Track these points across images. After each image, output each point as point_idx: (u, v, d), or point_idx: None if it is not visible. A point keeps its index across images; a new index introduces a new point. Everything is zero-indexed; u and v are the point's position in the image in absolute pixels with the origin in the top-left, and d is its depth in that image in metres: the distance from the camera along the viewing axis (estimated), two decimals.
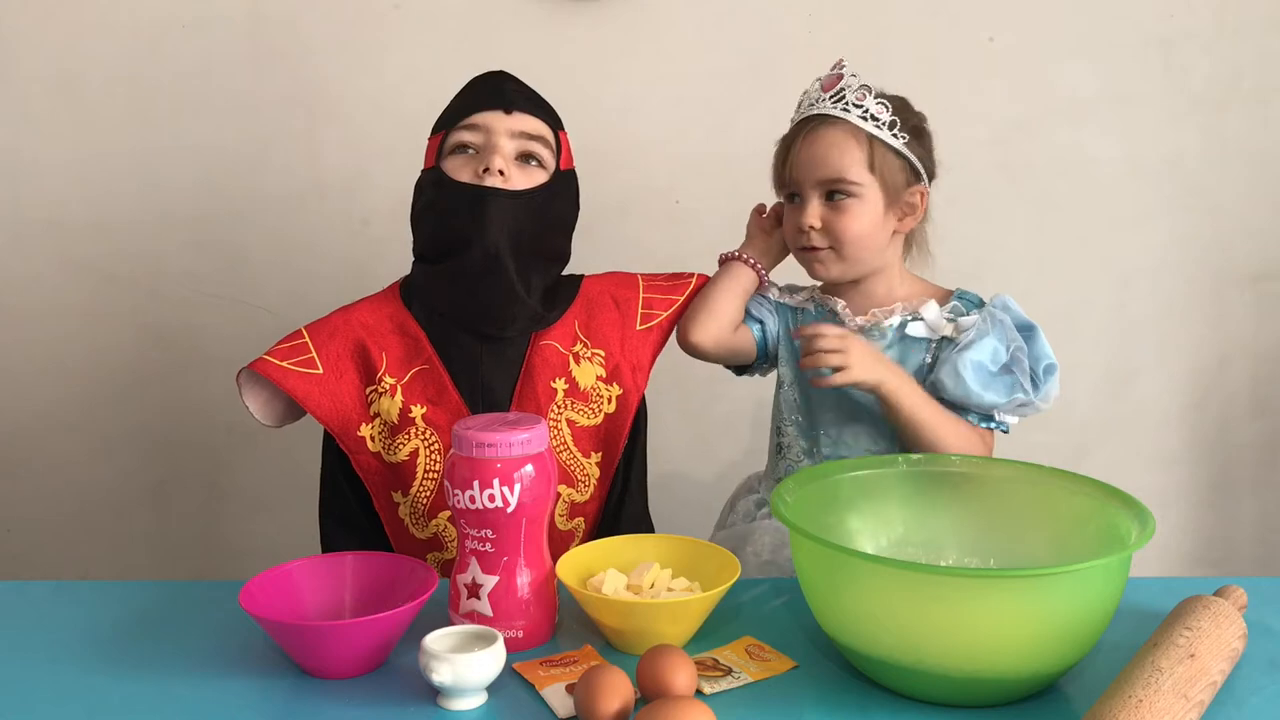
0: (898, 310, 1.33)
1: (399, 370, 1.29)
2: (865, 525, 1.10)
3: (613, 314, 1.37)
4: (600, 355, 1.34)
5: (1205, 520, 2.08)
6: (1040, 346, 1.30)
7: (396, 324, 1.31)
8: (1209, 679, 0.88)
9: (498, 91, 1.27)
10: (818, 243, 1.31)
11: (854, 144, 1.29)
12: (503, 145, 1.26)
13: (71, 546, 2.04)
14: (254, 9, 1.89)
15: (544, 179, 1.29)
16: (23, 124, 1.92)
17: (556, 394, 1.31)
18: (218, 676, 0.98)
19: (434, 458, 1.29)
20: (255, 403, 1.28)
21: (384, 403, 1.28)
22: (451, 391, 1.29)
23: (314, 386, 1.27)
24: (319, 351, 1.28)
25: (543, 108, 1.31)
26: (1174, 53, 1.92)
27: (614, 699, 0.86)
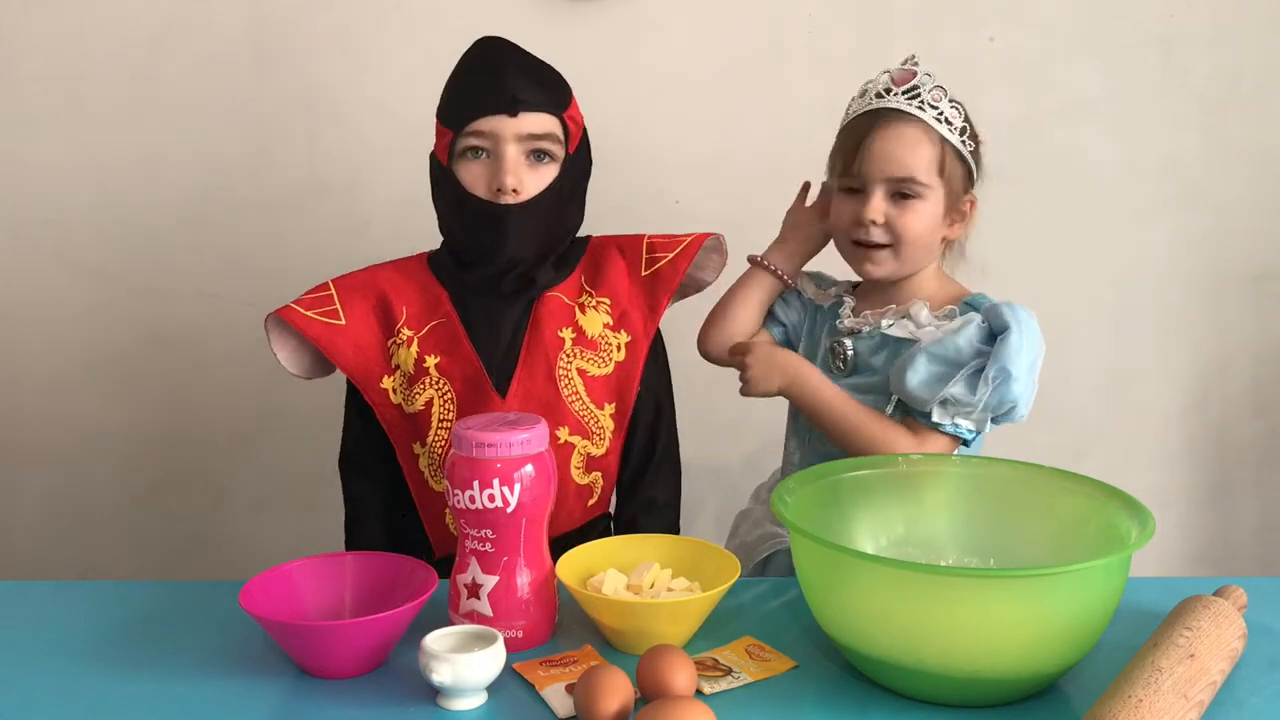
0: (889, 312, 1.32)
1: (417, 324, 1.33)
2: (865, 525, 1.10)
3: (618, 262, 1.38)
4: (606, 303, 1.35)
5: (1205, 520, 2.08)
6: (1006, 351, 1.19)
7: (419, 283, 1.35)
8: (1209, 679, 0.88)
9: (500, 90, 1.26)
10: (878, 238, 1.28)
11: (927, 144, 1.27)
12: (510, 154, 1.26)
13: (71, 546, 2.04)
14: (254, 9, 1.89)
15: (555, 172, 1.29)
16: (23, 124, 1.92)
17: (565, 343, 1.32)
18: (218, 676, 0.98)
19: (448, 407, 1.31)
20: (284, 351, 1.32)
21: (401, 354, 1.31)
22: (465, 343, 1.31)
23: (337, 336, 1.30)
24: (343, 303, 1.32)
25: (548, 93, 1.30)
26: (1174, 53, 1.92)
27: (614, 699, 0.87)
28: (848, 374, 1.32)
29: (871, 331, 1.32)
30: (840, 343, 1.33)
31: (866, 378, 1.31)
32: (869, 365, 1.31)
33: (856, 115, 1.30)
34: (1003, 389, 1.20)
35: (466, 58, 1.33)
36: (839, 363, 1.33)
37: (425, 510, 1.36)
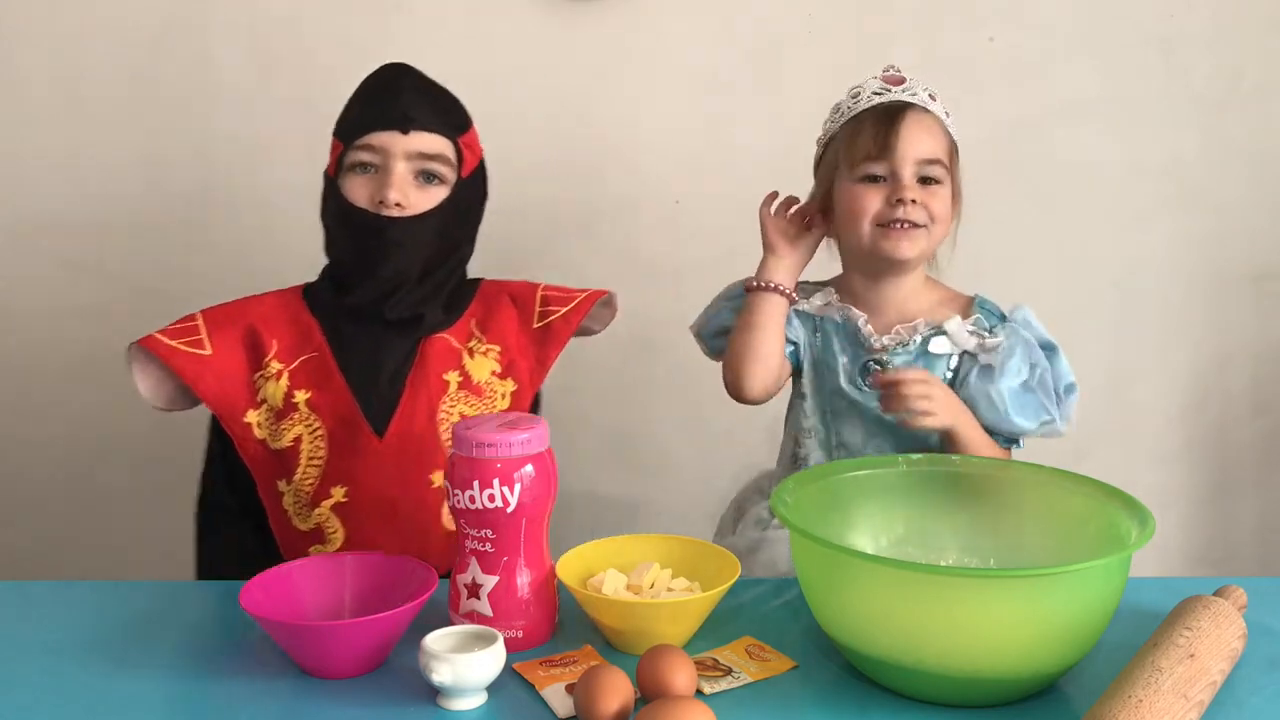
0: (920, 326, 1.31)
1: (288, 357, 1.30)
2: (865, 525, 1.10)
3: (510, 311, 1.37)
4: (495, 350, 1.34)
5: (1205, 520, 2.08)
6: (1061, 366, 1.31)
7: (291, 315, 1.32)
8: (1209, 679, 0.88)
9: (393, 107, 1.25)
10: (918, 217, 1.27)
11: (942, 135, 1.31)
12: (399, 170, 1.25)
13: (71, 546, 2.04)
14: (254, 9, 1.89)
15: (444, 195, 1.28)
16: (23, 124, 1.92)
17: (449, 386, 1.31)
18: (218, 676, 0.98)
19: (317, 444, 1.28)
20: (145, 383, 1.27)
21: (269, 387, 1.28)
22: (338, 378, 1.29)
23: (201, 367, 1.26)
24: (209, 333, 1.29)
25: (443, 116, 1.29)
26: (1174, 53, 1.92)
27: (614, 699, 0.86)
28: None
29: (905, 348, 1.31)
30: (878, 362, 1.31)
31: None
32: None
33: (861, 110, 1.31)
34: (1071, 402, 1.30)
35: (368, 78, 1.32)
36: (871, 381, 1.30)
37: (288, 550, 1.31)
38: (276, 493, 1.30)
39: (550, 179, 1.95)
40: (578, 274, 1.97)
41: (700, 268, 1.96)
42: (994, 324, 1.32)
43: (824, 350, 1.35)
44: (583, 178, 1.96)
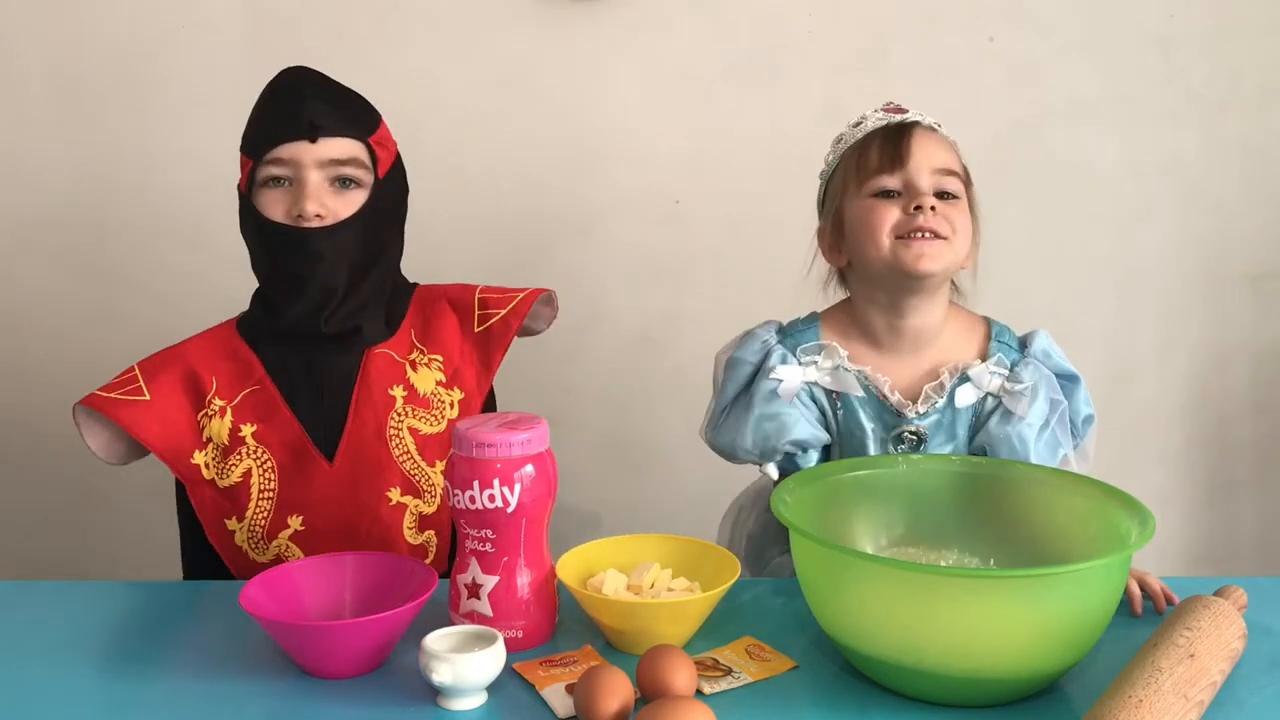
0: (945, 379, 1.25)
1: (229, 393, 1.28)
2: (865, 525, 1.10)
3: (450, 318, 1.34)
4: (438, 360, 1.32)
5: (1205, 520, 2.08)
6: (1080, 397, 1.27)
7: (228, 350, 1.30)
8: (1209, 679, 0.88)
9: (299, 116, 1.21)
10: (938, 226, 1.19)
11: (954, 153, 1.26)
12: (313, 180, 1.21)
13: (71, 546, 2.04)
14: (254, 9, 1.89)
15: (363, 198, 1.25)
16: (23, 124, 1.92)
17: (396, 401, 1.28)
18: (218, 676, 0.98)
19: (268, 476, 1.26)
20: (96, 442, 1.26)
21: (214, 425, 1.27)
22: (283, 409, 1.27)
23: (141, 413, 1.24)
24: (146, 381, 1.27)
25: (350, 119, 1.24)
26: (1174, 53, 1.92)
27: (614, 699, 0.87)
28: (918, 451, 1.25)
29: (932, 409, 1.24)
30: (914, 433, 1.24)
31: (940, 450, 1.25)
32: (941, 441, 1.25)
33: (870, 132, 1.26)
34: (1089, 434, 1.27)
35: (267, 87, 1.28)
36: (907, 448, 1.24)
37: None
38: (227, 532, 1.28)
39: (550, 179, 1.95)
40: (578, 274, 1.98)
41: (700, 267, 1.96)
42: (1014, 359, 1.27)
43: (849, 421, 1.26)
44: (583, 177, 1.96)
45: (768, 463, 1.26)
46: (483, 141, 1.93)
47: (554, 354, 1.97)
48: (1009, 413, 1.23)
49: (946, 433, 1.25)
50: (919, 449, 1.24)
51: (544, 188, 1.95)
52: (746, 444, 1.25)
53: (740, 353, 1.29)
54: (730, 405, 1.29)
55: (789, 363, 1.26)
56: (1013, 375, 1.25)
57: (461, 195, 1.95)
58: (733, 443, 1.27)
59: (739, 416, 1.26)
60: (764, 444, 1.24)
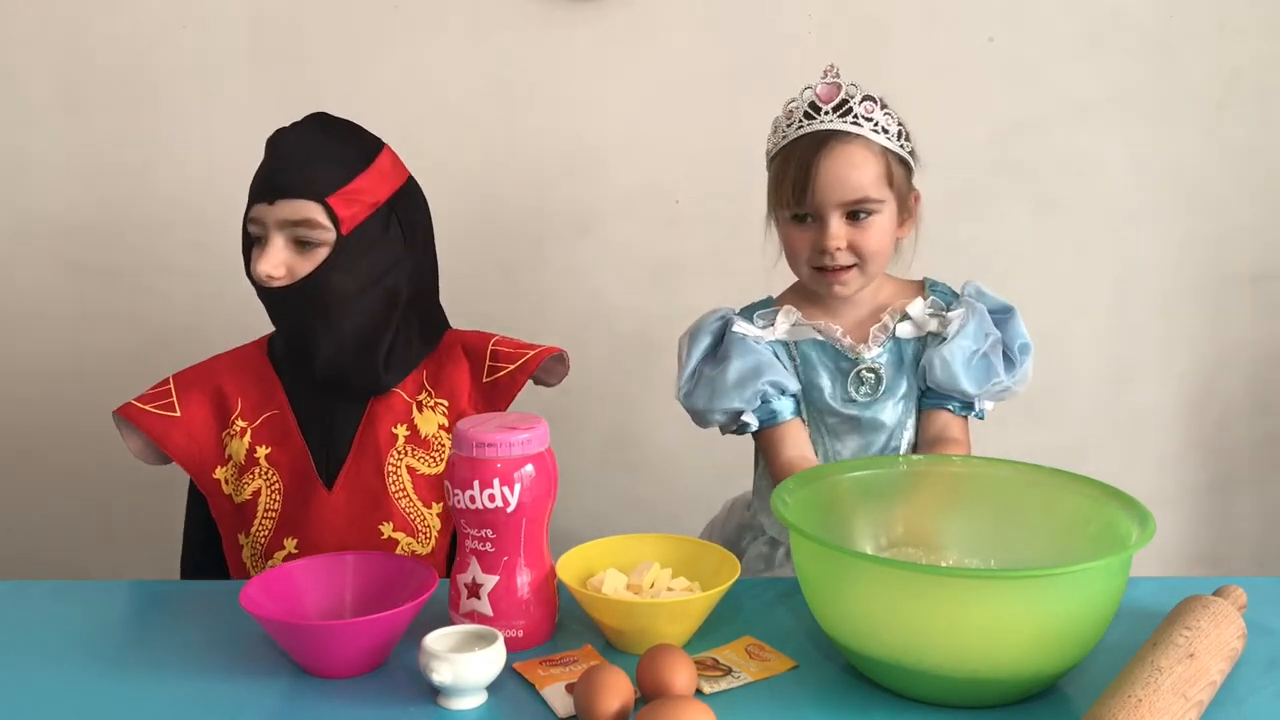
0: (888, 322, 1.33)
1: (252, 415, 1.33)
2: (865, 525, 1.10)
3: (462, 365, 1.36)
4: (444, 405, 1.33)
5: (1205, 520, 2.08)
6: (1016, 327, 1.33)
7: (257, 371, 1.35)
8: (1208, 679, 0.88)
9: (265, 177, 1.24)
10: (844, 261, 1.27)
11: (873, 160, 1.26)
12: (275, 240, 1.24)
13: (71, 546, 2.04)
14: (254, 9, 1.89)
15: (323, 256, 1.24)
16: (23, 124, 1.92)
17: (397, 439, 1.31)
18: (218, 676, 0.98)
19: (274, 498, 1.31)
20: (134, 445, 1.33)
21: (234, 444, 1.32)
22: (296, 436, 1.31)
23: (171, 428, 1.31)
24: (179, 396, 1.33)
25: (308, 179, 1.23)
26: (1174, 53, 1.92)
27: (614, 699, 0.87)
28: (879, 397, 1.31)
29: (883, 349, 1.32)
30: (872, 370, 1.31)
31: (896, 390, 1.32)
32: (894, 377, 1.32)
33: (789, 141, 1.28)
34: (1026, 362, 1.32)
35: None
36: (867, 389, 1.31)
37: None
38: (237, 546, 1.33)
39: (550, 179, 1.95)
40: (577, 274, 1.98)
41: (700, 267, 1.96)
42: (949, 301, 1.34)
43: (808, 372, 1.33)
44: (582, 178, 1.96)
45: (748, 409, 1.30)
46: (483, 141, 1.94)
47: None
48: (941, 338, 1.31)
49: (896, 369, 1.32)
50: (878, 388, 1.31)
51: (543, 188, 1.95)
52: (726, 389, 1.29)
53: (700, 324, 1.37)
54: (699, 367, 1.34)
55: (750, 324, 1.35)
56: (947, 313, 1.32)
57: (462, 195, 1.94)
58: (710, 397, 1.31)
59: (711, 374, 1.32)
60: (743, 387, 1.29)
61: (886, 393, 1.32)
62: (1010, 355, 1.32)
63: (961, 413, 1.32)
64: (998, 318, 1.33)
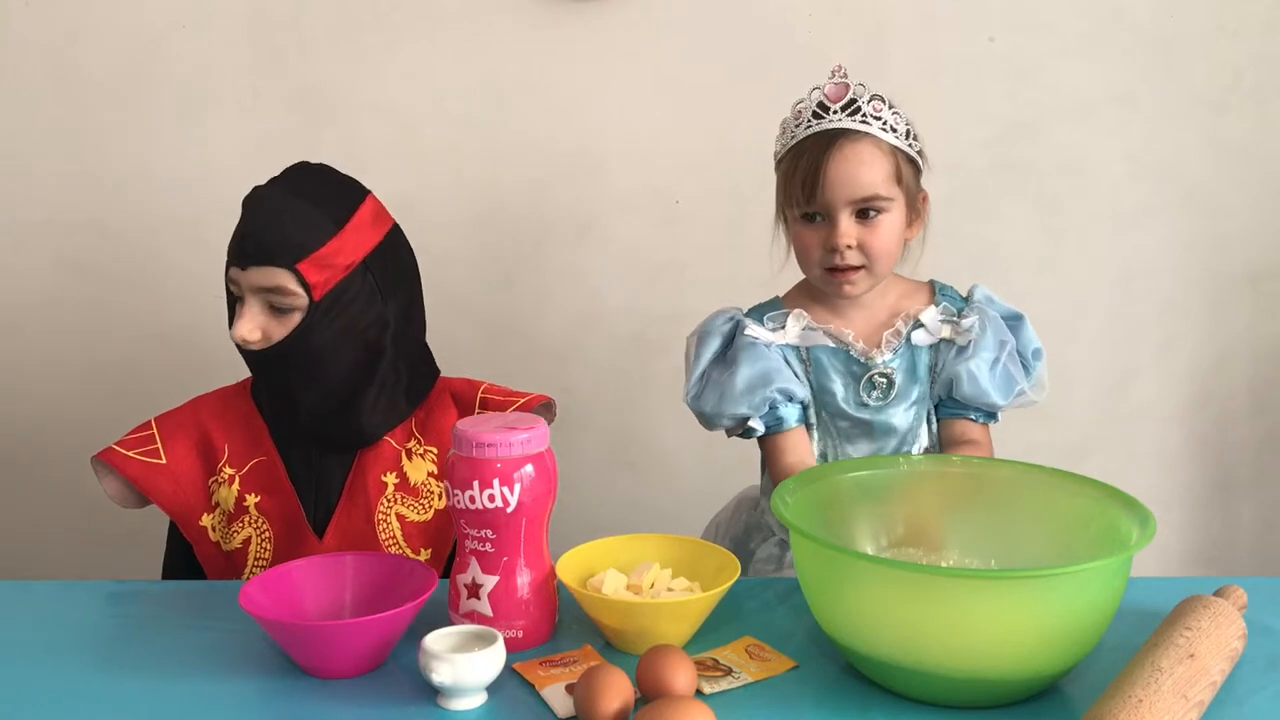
0: (901, 327, 1.33)
1: (239, 462, 1.32)
2: (865, 525, 1.10)
3: (450, 412, 1.35)
4: (433, 452, 1.33)
5: (1205, 520, 2.08)
6: (1027, 333, 1.34)
7: (243, 417, 1.34)
8: (1209, 679, 0.88)
9: (240, 240, 1.24)
10: (854, 261, 1.27)
11: (882, 158, 1.26)
12: (251, 304, 1.24)
13: (71, 546, 2.04)
14: (254, 9, 1.89)
15: (297, 320, 1.24)
16: (23, 124, 1.92)
17: (387, 488, 1.31)
18: (218, 676, 0.98)
19: (265, 546, 1.30)
20: (112, 489, 1.32)
21: (222, 492, 1.31)
22: (286, 484, 1.31)
23: (156, 475, 1.31)
24: (164, 442, 1.32)
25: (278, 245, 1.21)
26: (1174, 53, 1.92)
27: (614, 699, 0.87)
28: (891, 401, 1.31)
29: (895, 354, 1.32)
30: (884, 375, 1.31)
31: (909, 395, 1.32)
32: (907, 382, 1.32)
33: (799, 140, 1.28)
34: (1040, 367, 1.33)
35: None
36: (879, 394, 1.31)
37: None
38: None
39: (549, 178, 1.95)
40: (577, 274, 1.98)
41: (700, 267, 1.96)
42: (960, 307, 1.35)
43: (820, 376, 1.33)
44: (582, 177, 1.96)
45: (755, 415, 1.30)
46: (482, 141, 1.93)
47: (554, 354, 1.97)
48: (963, 350, 1.31)
49: (910, 375, 1.32)
50: (890, 392, 1.31)
51: (543, 187, 1.95)
52: (735, 395, 1.29)
53: (710, 325, 1.36)
54: (709, 370, 1.34)
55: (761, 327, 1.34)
56: (961, 319, 1.33)
57: (462, 195, 1.95)
58: (718, 402, 1.31)
59: (720, 379, 1.32)
60: (752, 394, 1.29)
61: (898, 397, 1.32)
62: (1024, 361, 1.33)
63: (983, 420, 1.33)
64: (1008, 324, 1.34)
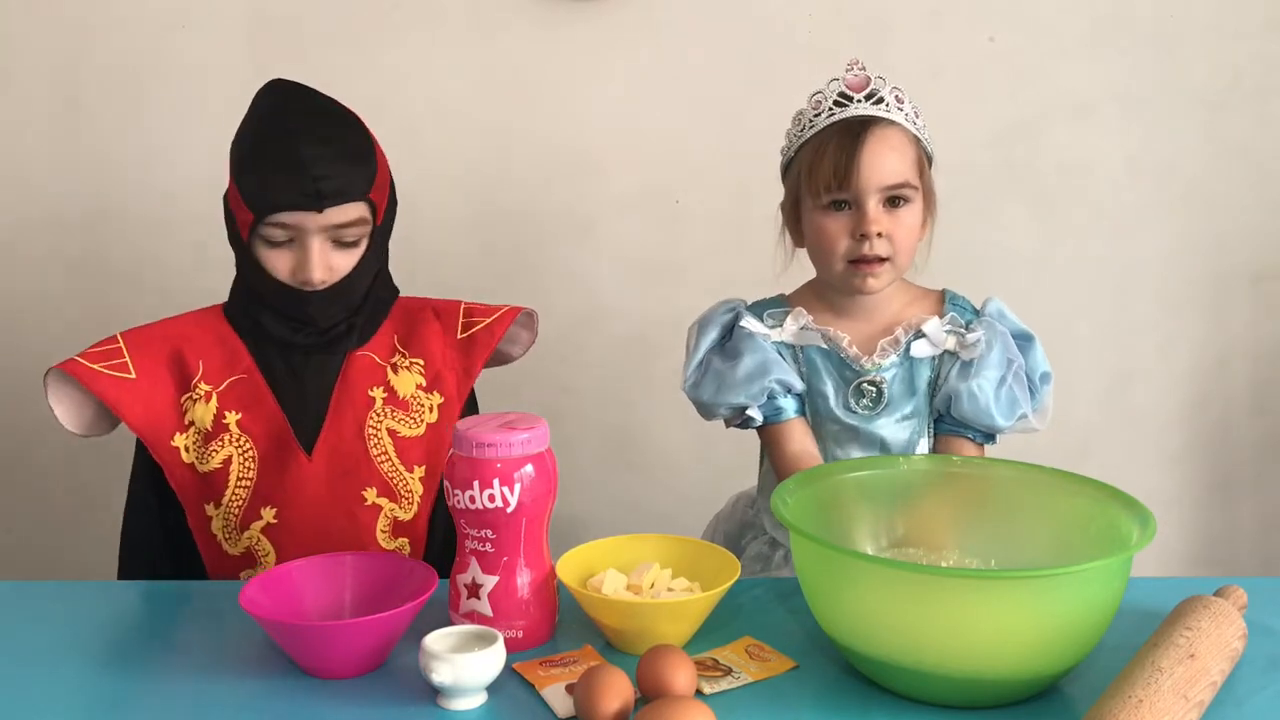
0: (900, 335, 1.30)
1: (216, 378, 1.28)
2: (865, 525, 1.10)
3: (433, 325, 1.35)
4: (420, 364, 1.33)
5: (1205, 520, 2.08)
6: (1037, 355, 1.31)
7: (217, 335, 1.30)
8: (1209, 679, 0.88)
9: (302, 182, 1.18)
10: (883, 251, 1.24)
11: (909, 146, 1.26)
12: (316, 246, 1.21)
13: (71, 546, 2.04)
14: (254, 9, 1.89)
15: (362, 250, 1.25)
16: (23, 124, 1.92)
17: (375, 402, 1.29)
18: (218, 676, 0.98)
19: (248, 465, 1.27)
20: (61, 407, 1.24)
21: (198, 410, 1.27)
22: (269, 400, 1.28)
23: (125, 392, 1.24)
24: (133, 356, 1.26)
25: (353, 176, 1.21)
26: (1174, 53, 1.92)
27: (614, 699, 0.87)
28: (880, 411, 1.30)
29: (891, 362, 1.30)
30: (873, 383, 1.30)
31: (902, 407, 1.30)
32: (901, 394, 1.30)
33: (820, 130, 1.26)
34: (1047, 392, 1.31)
35: (261, 125, 1.25)
36: (868, 402, 1.30)
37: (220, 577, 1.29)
38: (205, 517, 1.28)
39: (549, 178, 1.95)
40: (577, 274, 1.98)
41: (700, 267, 1.96)
42: (969, 319, 1.32)
43: (812, 377, 1.32)
44: (582, 177, 1.96)
45: (754, 405, 1.30)
46: (482, 141, 1.93)
47: (554, 354, 1.97)
48: (967, 366, 1.28)
49: (905, 386, 1.30)
50: (879, 402, 1.29)
51: (543, 187, 1.95)
52: (734, 384, 1.29)
53: (710, 314, 1.36)
54: (707, 358, 1.34)
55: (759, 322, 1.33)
56: (968, 332, 1.30)
57: (461, 195, 1.95)
58: (717, 390, 1.31)
59: (719, 367, 1.32)
60: (751, 383, 1.29)
61: (888, 409, 1.30)
62: (1031, 384, 1.30)
63: (981, 440, 1.31)
64: (1018, 344, 1.31)
